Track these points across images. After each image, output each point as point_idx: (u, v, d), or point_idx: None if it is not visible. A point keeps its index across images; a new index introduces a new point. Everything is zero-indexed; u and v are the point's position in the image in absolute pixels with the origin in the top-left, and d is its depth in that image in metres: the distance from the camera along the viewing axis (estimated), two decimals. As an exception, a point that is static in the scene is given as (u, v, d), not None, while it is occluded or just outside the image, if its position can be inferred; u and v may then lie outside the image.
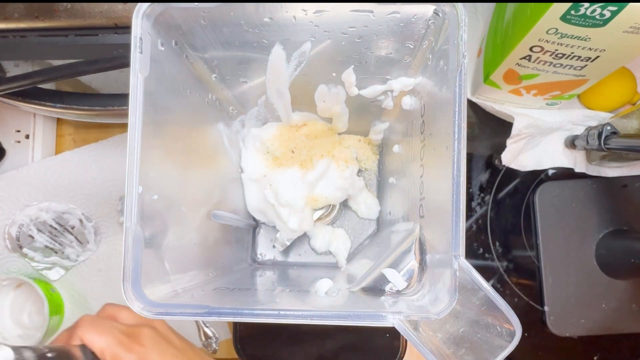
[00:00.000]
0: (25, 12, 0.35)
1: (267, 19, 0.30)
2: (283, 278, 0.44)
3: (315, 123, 0.44)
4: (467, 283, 0.25)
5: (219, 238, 0.40)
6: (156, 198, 0.29)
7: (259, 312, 0.26)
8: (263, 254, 0.48)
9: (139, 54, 0.27)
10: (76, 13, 0.35)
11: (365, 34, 0.31)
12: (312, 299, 0.34)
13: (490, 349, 0.26)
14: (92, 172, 0.56)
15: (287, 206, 0.43)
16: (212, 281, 0.36)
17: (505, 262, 0.54)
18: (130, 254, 0.26)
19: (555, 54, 0.39)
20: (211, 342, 0.53)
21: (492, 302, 0.25)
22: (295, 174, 0.43)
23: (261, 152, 0.44)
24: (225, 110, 0.42)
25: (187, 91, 0.34)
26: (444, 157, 0.27)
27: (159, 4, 0.27)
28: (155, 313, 0.26)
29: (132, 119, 0.26)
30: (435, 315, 0.25)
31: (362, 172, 0.48)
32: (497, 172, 0.54)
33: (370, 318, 0.26)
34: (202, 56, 0.34)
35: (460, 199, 0.25)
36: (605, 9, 0.33)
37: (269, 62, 0.35)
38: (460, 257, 0.25)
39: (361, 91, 0.38)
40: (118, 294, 0.26)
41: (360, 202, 0.47)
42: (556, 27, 0.36)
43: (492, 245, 0.54)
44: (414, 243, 0.32)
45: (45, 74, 0.40)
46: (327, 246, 0.47)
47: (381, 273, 0.31)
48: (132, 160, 0.26)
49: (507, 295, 0.53)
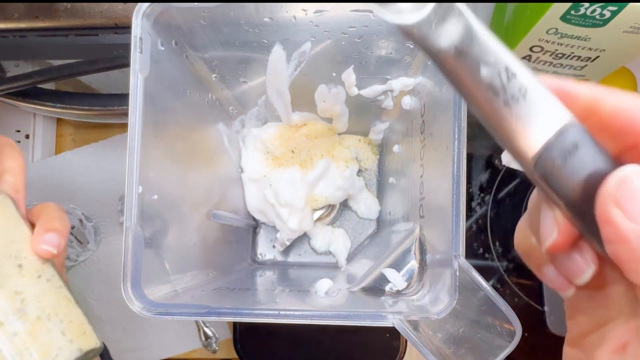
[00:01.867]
0: (25, 12, 0.35)
1: (267, 19, 0.30)
2: (283, 278, 0.44)
3: (315, 123, 0.44)
4: (467, 283, 0.25)
5: (219, 238, 0.40)
6: (156, 198, 0.29)
7: (259, 312, 0.26)
8: (263, 254, 0.48)
9: (139, 54, 0.27)
10: (76, 13, 0.35)
11: (365, 34, 0.31)
12: (312, 299, 0.34)
13: (490, 349, 0.26)
14: (92, 172, 0.56)
15: (287, 206, 0.43)
16: (212, 281, 0.36)
17: (505, 262, 0.54)
18: (130, 254, 0.26)
19: (555, 54, 0.39)
20: (211, 342, 0.52)
21: (492, 302, 0.25)
22: (295, 174, 0.43)
23: (261, 152, 0.44)
24: (225, 110, 0.42)
25: (187, 91, 0.34)
26: (444, 157, 0.27)
27: (159, 4, 0.27)
28: (155, 313, 0.26)
29: (132, 119, 0.26)
30: (435, 315, 0.25)
31: (362, 172, 0.48)
32: (497, 172, 0.54)
33: (370, 318, 0.26)
34: (202, 56, 0.34)
35: (460, 199, 0.25)
36: (605, 9, 0.33)
37: (269, 62, 0.35)
38: (460, 257, 0.25)
39: (361, 91, 0.38)
40: (118, 294, 0.26)
41: (360, 202, 0.47)
42: (556, 27, 0.36)
43: (492, 245, 0.54)
44: (414, 243, 0.32)
45: (45, 74, 0.40)
46: (327, 246, 0.47)
47: (381, 273, 0.31)
48: (132, 160, 0.26)
49: (507, 295, 0.53)
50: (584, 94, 0.16)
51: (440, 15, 0.15)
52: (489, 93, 0.16)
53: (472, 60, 0.16)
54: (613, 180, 0.14)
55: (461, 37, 0.15)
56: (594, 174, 0.15)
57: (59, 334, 0.25)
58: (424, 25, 0.15)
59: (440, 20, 0.15)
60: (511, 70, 0.15)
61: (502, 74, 0.15)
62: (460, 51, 0.16)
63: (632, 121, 0.16)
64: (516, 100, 0.16)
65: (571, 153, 0.15)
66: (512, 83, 0.15)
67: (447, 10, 0.15)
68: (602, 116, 0.16)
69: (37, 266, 0.26)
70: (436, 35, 0.15)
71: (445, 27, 0.15)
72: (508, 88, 0.15)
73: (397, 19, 0.15)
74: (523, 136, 0.16)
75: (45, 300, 0.26)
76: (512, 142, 0.16)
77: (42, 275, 0.26)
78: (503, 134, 0.16)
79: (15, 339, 0.24)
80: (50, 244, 0.27)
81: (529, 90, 0.16)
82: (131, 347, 0.52)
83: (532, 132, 0.16)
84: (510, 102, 0.16)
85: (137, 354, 0.53)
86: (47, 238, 0.27)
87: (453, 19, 0.15)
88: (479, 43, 0.16)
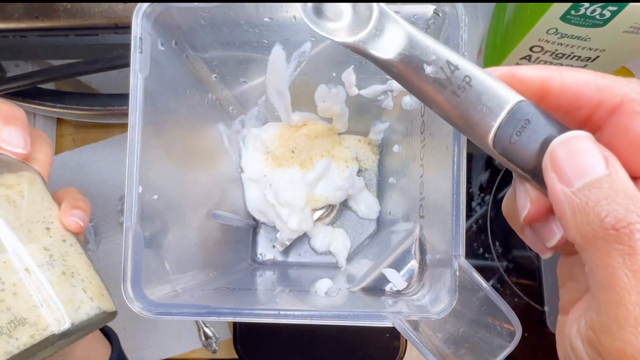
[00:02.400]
0: (25, 12, 0.35)
1: (267, 19, 0.30)
2: (283, 278, 0.44)
3: (315, 123, 0.44)
4: (467, 283, 0.25)
5: (219, 238, 0.40)
6: (156, 198, 0.29)
7: (259, 312, 0.26)
8: (263, 254, 0.48)
9: (139, 54, 0.27)
10: (76, 13, 0.35)
11: (365, 34, 0.31)
12: (312, 299, 0.34)
13: (490, 349, 0.26)
14: (92, 172, 0.56)
15: (287, 206, 0.43)
16: (212, 281, 0.36)
17: (505, 262, 0.54)
18: (130, 254, 0.26)
19: (555, 54, 0.39)
20: (211, 342, 0.53)
21: (492, 302, 0.25)
22: (295, 174, 0.43)
23: (261, 152, 0.44)
24: (225, 110, 0.42)
25: (187, 91, 0.34)
26: (444, 157, 0.27)
27: (159, 4, 0.27)
28: (155, 313, 0.26)
29: (132, 119, 0.26)
30: (435, 315, 0.25)
31: (362, 172, 0.48)
32: (497, 172, 0.54)
33: (370, 318, 0.26)
34: (202, 56, 0.34)
35: (460, 199, 0.25)
36: (605, 9, 0.33)
37: (269, 62, 0.35)
38: (460, 257, 0.25)
39: (361, 91, 0.38)
40: (118, 294, 0.26)
41: (360, 202, 0.47)
42: (556, 27, 0.36)
43: (492, 245, 0.54)
44: (414, 243, 0.32)
45: (45, 74, 0.40)
46: (327, 246, 0.47)
47: (381, 273, 0.31)
48: (132, 160, 0.26)
49: (507, 295, 0.53)
50: (534, 76, 0.17)
51: (380, 28, 0.17)
52: (437, 87, 0.17)
53: (416, 61, 0.17)
54: (550, 147, 0.16)
55: (402, 43, 0.17)
56: (545, 142, 0.16)
57: (81, 291, 0.28)
58: (367, 41, 0.17)
59: (380, 32, 0.17)
60: (453, 63, 0.17)
61: (445, 69, 0.17)
62: (403, 56, 0.17)
63: (578, 94, 0.17)
64: (463, 89, 0.17)
65: (524, 127, 0.16)
66: (455, 74, 0.17)
67: (384, 22, 0.17)
68: (553, 95, 0.17)
69: (63, 232, 0.29)
70: (379, 47, 0.17)
71: (385, 37, 0.17)
72: (453, 79, 0.17)
73: (341, 38, 0.17)
74: (477, 121, 0.17)
75: (69, 260, 0.28)
76: (468, 128, 0.18)
77: (67, 240, 0.29)
78: (459, 123, 0.18)
79: (42, 288, 0.26)
80: (78, 217, 0.29)
81: (473, 78, 0.17)
82: (131, 347, 0.52)
83: (484, 115, 0.17)
84: (458, 91, 0.17)
85: (137, 354, 0.53)
86: (75, 212, 0.29)
87: (391, 29, 0.17)
88: (419, 45, 0.17)
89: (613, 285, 0.14)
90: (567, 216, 0.15)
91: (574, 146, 0.15)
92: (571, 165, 0.15)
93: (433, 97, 0.17)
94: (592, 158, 0.15)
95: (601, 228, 0.14)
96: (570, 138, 0.15)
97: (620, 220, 0.13)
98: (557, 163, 0.15)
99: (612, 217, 0.14)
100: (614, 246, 0.13)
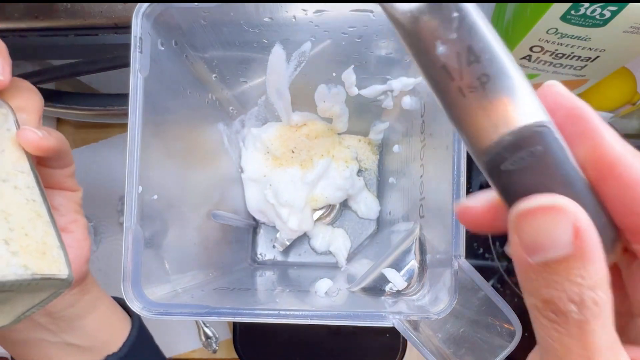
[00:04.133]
0: (25, 12, 0.35)
1: (267, 19, 0.30)
2: (283, 278, 0.44)
3: (315, 123, 0.44)
4: (467, 283, 0.25)
5: (219, 238, 0.40)
6: (156, 198, 0.29)
7: (259, 312, 0.26)
8: (263, 254, 0.48)
9: (139, 53, 0.27)
10: (76, 13, 0.35)
11: (365, 34, 0.31)
12: (312, 299, 0.34)
13: (490, 349, 0.26)
14: (92, 172, 0.56)
15: (287, 206, 0.43)
16: (212, 281, 0.36)
17: (505, 262, 0.54)
18: (130, 254, 0.26)
19: (555, 54, 0.39)
20: (211, 342, 0.53)
21: (492, 302, 0.25)
22: (295, 174, 0.43)
23: (261, 152, 0.44)
24: (225, 110, 0.42)
25: (187, 91, 0.34)
26: (444, 157, 0.27)
27: (159, 4, 0.27)
28: (155, 313, 0.26)
29: (132, 119, 0.26)
30: (435, 315, 0.25)
31: (362, 172, 0.48)
32: (497, 172, 0.54)
33: (370, 318, 0.26)
34: (202, 56, 0.34)
35: (460, 199, 0.25)
36: (605, 9, 0.33)
37: (269, 62, 0.35)
38: (460, 257, 0.25)
39: (361, 91, 0.38)
40: (118, 294, 0.26)
41: (360, 202, 0.47)
42: (556, 27, 0.36)
43: (492, 245, 0.54)
44: (414, 243, 0.32)
45: (45, 74, 0.40)
46: (327, 246, 0.47)
47: (381, 273, 0.31)
48: (132, 160, 0.26)
49: (507, 295, 0.53)
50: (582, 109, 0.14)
51: None
52: (443, 74, 0.13)
53: (428, 33, 0.13)
54: (516, 209, 0.13)
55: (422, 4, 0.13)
56: (533, 192, 0.13)
57: (1, 241, 0.21)
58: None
59: None
60: (475, 53, 0.13)
61: (462, 56, 0.13)
62: (416, 19, 0.13)
63: None
64: (472, 89, 0.13)
65: (523, 160, 0.13)
66: (473, 68, 0.13)
67: None
68: None
69: (8, 170, 0.23)
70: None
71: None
72: (466, 74, 0.13)
73: None
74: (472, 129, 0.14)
75: (1, 201, 0.22)
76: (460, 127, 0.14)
77: (9, 181, 0.23)
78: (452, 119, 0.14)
79: None
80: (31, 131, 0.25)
81: (492, 80, 0.13)
82: (131, 347, 0.52)
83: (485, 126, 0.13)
84: (465, 90, 0.13)
85: (137, 354, 0.53)
86: None
87: None
88: (441, 14, 0.13)
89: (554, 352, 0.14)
90: (520, 280, 0.14)
91: (545, 216, 0.13)
92: (534, 236, 0.13)
93: (435, 84, 0.14)
94: (559, 233, 0.13)
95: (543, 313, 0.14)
96: (545, 205, 0.13)
97: (562, 310, 0.13)
98: (521, 228, 0.13)
99: (554, 305, 0.14)
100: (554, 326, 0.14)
